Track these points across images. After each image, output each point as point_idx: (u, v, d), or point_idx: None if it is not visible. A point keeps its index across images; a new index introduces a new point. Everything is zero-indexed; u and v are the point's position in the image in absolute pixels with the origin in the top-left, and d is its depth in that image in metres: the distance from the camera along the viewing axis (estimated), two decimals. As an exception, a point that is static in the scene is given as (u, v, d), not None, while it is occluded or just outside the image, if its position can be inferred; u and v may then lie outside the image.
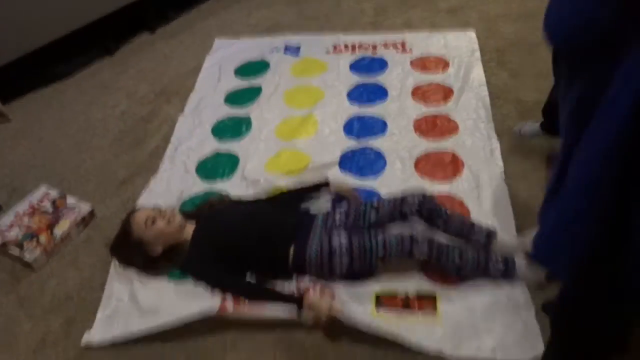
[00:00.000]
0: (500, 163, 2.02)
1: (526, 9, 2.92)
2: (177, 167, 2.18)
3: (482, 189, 1.91)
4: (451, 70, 2.52)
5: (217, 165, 2.17)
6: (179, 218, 1.71)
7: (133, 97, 2.68)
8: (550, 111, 2.05)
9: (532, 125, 2.15)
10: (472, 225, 1.67)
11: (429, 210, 1.68)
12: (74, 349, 1.60)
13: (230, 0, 3.40)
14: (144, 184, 2.14)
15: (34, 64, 2.73)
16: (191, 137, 2.33)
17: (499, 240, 1.64)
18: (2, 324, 1.70)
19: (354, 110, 2.36)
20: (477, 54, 2.58)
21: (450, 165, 2.02)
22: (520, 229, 1.75)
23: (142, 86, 2.75)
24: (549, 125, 2.07)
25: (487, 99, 2.32)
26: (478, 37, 2.72)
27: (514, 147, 2.11)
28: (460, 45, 2.65)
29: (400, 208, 1.70)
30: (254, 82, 2.61)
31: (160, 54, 2.98)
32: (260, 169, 2.09)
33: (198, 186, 2.07)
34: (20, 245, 1.84)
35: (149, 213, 1.69)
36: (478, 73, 2.47)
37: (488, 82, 2.44)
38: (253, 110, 2.43)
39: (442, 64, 2.56)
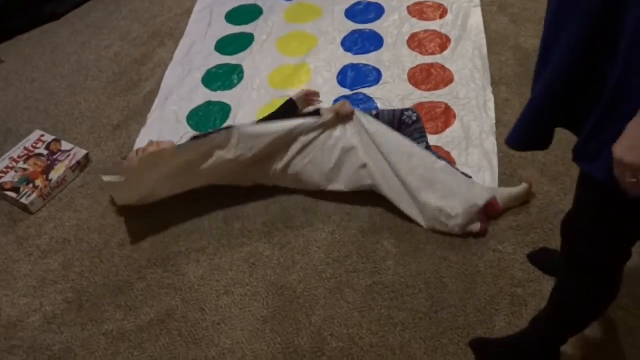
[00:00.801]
0: (492, 114, 2.01)
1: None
2: (167, 117, 2.18)
3: (470, 140, 1.92)
4: (449, 17, 2.45)
5: (209, 114, 2.16)
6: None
7: (126, 38, 2.63)
8: None
9: None
10: None
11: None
12: (72, 290, 1.68)
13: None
14: (139, 129, 2.16)
15: (23, 4, 2.66)
16: (181, 86, 2.30)
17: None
18: (2, 263, 1.78)
19: (348, 58, 2.33)
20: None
21: (442, 117, 2.02)
22: (504, 181, 1.80)
23: (135, 27, 2.69)
24: None
25: (484, 48, 2.28)
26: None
27: (510, 95, 2.10)
28: None
29: (400, 117, 1.82)
30: (246, 28, 2.55)
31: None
32: (253, 118, 2.09)
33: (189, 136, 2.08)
34: (16, 190, 1.89)
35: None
36: (476, 20, 2.41)
37: (487, 28, 2.39)
38: (245, 58, 2.39)
39: (440, 10, 2.49)
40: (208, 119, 2.15)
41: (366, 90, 2.17)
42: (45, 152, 2.02)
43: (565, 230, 1.13)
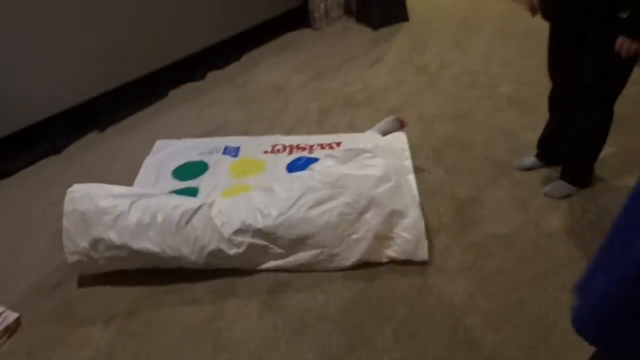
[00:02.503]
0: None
1: (459, 110, 3.14)
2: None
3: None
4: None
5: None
6: None
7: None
8: (544, 143, 2.50)
9: (529, 158, 2.57)
10: None
11: None
12: None
13: (181, 99, 3.52)
14: (79, 288, 2.08)
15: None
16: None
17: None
18: None
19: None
20: (407, 153, 2.63)
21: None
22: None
23: (86, 182, 2.73)
24: (544, 155, 2.52)
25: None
26: (416, 137, 2.89)
27: (450, 243, 2.19)
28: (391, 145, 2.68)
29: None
30: (192, 183, 2.60)
31: (108, 151, 3.01)
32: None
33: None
34: None
35: None
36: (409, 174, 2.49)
37: (425, 180, 2.56)
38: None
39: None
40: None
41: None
42: (-27, 317, 1.89)
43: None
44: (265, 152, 2.79)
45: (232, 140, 2.93)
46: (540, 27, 2.25)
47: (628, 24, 1.80)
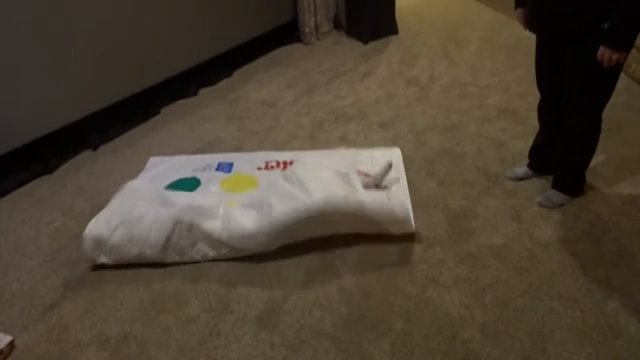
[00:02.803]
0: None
1: (450, 122, 3.17)
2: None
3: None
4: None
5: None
6: None
7: (69, 214, 2.64)
8: (536, 153, 2.54)
9: (521, 168, 2.61)
10: None
11: None
12: None
13: (173, 116, 3.52)
14: (73, 309, 2.06)
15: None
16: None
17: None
18: None
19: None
20: (402, 169, 2.67)
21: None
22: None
23: (79, 202, 2.73)
24: (536, 165, 2.55)
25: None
26: (408, 149, 2.91)
27: (445, 255, 2.19)
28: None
29: None
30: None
31: (101, 170, 3.00)
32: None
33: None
34: None
35: None
36: (403, 187, 2.53)
37: (418, 191, 2.57)
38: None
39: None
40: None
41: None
42: (-35, 341, 1.87)
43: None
44: (259, 168, 2.78)
45: (225, 157, 2.92)
46: (528, 38, 2.28)
47: (608, 35, 1.84)
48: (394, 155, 2.76)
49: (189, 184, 2.71)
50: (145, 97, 3.47)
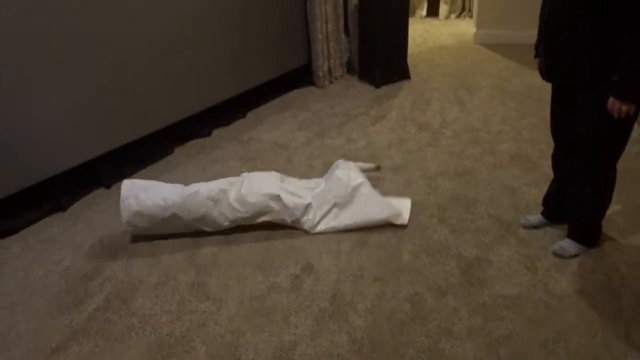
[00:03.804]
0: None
1: (462, 168, 3.17)
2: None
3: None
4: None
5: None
6: None
7: (79, 252, 2.64)
8: (550, 201, 2.50)
9: (535, 216, 2.58)
10: None
11: None
12: None
13: (185, 156, 3.56)
14: (78, 352, 2.03)
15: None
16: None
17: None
18: None
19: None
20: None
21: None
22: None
23: (89, 240, 2.73)
24: (550, 213, 2.51)
25: None
26: (420, 194, 2.90)
27: (458, 304, 2.14)
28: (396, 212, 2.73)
29: None
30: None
31: (113, 208, 3.00)
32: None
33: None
34: None
35: None
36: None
37: (430, 238, 2.55)
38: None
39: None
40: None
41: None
42: (-33, 383, 1.83)
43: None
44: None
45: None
46: (539, 86, 2.31)
47: (617, 86, 1.85)
48: (404, 206, 2.78)
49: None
50: (159, 137, 3.53)
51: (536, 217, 2.57)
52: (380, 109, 4.16)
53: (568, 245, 2.36)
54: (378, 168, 3.13)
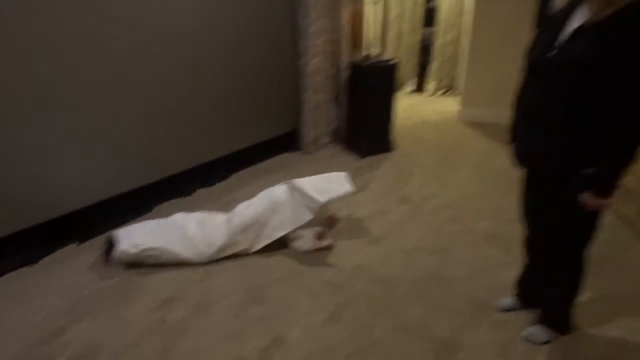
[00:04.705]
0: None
1: (440, 244, 3.19)
2: None
3: None
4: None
5: None
6: None
7: (44, 310, 2.56)
8: (522, 285, 2.52)
9: (509, 299, 2.58)
10: None
11: None
12: None
13: (165, 215, 3.54)
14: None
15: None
16: None
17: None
18: None
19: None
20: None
21: None
22: None
23: (56, 300, 2.66)
24: (523, 297, 2.53)
25: None
26: (397, 267, 2.90)
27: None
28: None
29: None
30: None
31: (84, 264, 2.95)
32: None
33: None
34: None
35: None
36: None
37: (404, 314, 2.52)
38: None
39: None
40: None
41: None
42: None
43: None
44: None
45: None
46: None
47: (593, 181, 1.83)
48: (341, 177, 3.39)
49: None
50: (139, 194, 3.52)
51: (510, 300, 2.57)
52: (363, 178, 4.22)
53: (539, 331, 2.35)
54: (333, 221, 3.44)
